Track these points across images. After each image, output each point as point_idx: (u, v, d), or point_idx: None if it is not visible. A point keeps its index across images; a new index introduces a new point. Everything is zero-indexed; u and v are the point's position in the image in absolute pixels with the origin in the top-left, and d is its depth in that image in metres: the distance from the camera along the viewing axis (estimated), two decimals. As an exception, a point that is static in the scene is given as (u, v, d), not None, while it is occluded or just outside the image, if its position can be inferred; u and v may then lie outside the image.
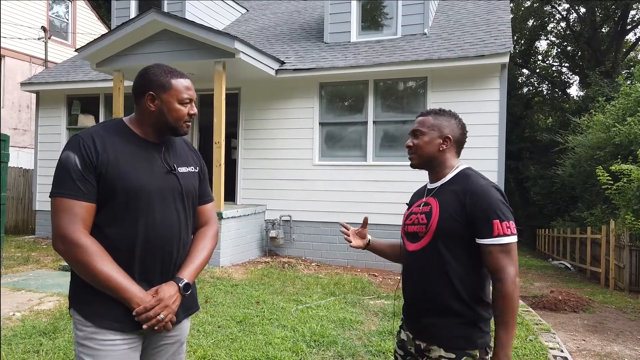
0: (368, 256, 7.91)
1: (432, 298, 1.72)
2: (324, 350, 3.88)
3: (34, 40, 14.42)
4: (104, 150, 1.61)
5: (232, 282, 6.12)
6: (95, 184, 1.59)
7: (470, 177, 1.74)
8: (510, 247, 1.62)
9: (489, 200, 1.64)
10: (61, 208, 1.56)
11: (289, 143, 8.45)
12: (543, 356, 3.98)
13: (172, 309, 1.63)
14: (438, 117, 1.84)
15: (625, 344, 5.19)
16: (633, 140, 11.49)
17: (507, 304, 1.60)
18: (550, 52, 30.75)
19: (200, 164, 1.88)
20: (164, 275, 1.68)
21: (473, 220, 1.64)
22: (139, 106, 1.70)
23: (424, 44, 8.15)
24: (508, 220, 1.63)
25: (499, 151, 7.25)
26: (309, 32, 10.07)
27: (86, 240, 1.55)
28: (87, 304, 1.62)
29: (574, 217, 16.47)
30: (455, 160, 1.83)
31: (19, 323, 4.32)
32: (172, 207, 1.70)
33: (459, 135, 1.84)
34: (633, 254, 9.47)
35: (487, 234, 1.62)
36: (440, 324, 1.70)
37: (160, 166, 1.70)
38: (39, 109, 10.41)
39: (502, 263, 1.61)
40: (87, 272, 1.55)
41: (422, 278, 1.75)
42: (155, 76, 1.68)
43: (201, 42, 7.17)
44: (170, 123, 1.69)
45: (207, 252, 1.80)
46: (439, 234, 1.70)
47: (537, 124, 28.80)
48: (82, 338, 1.61)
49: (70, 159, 1.58)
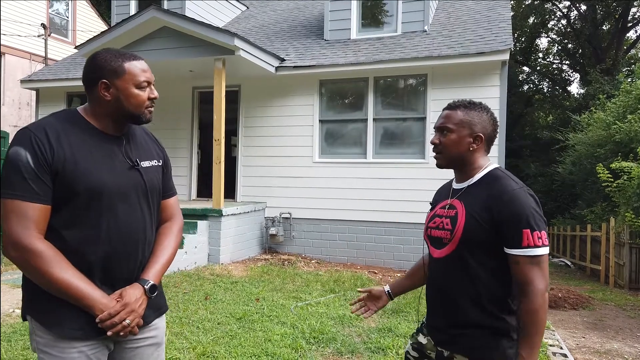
0: (368, 254, 7.92)
1: (459, 307, 1.62)
2: (323, 347, 3.89)
3: (34, 38, 14.41)
4: (59, 145, 1.45)
5: (232, 279, 6.12)
6: (50, 183, 1.44)
7: (500, 179, 1.59)
8: (540, 259, 1.49)
9: (520, 207, 1.50)
10: (12, 211, 1.40)
11: (289, 140, 8.44)
12: (542, 353, 3.98)
13: (139, 313, 1.52)
14: (469, 111, 1.64)
15: (625, 341, 5.20)
16: (633, 138, 11.47)
17: (531, 320, 1.49)
18: (550, 50, 30.69)
19: (163, 156, 1.75)
20: (128, 277, 1.56)
21: (501, 228, 1.52)
22: (93, 96, 1.55)
23: (424, 41, 8.14)
24: (540, 230, 1.50)
25: (499, 149, 7.23)
26: (309, 30, 10.06)
27: (41, 246, 1.41)
28: (45, 313, 1.48)
29: (574, 214, 16.47)
30: (484, 159, 1.68)
31: (19, 320, 4.33)
32: (136, 206, 1.57)
33: (491, 132, 1.67)
34: (633, 251, 9.46)
35: (516, 243, 1.50)
36: (467, 333, 1.60)
37: (122, 161, 1.56)
38: (39, 107, 10.40)
39: (531, 276, 1.49)
40: (43, 279, 1.42)
41: (448, 287, 1.65)
42: (105, 62, 1.52)
43: (201, 39, 7.16)
44: (130, 111, 1.54)
45: (171, 250, 1.68)
46: (465, 242, 1.58)
47: (537, 121, 28.77)
48: (43, 345, 1.49)
49: (21, 156, 1.41)
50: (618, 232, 10.03)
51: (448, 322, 1.66)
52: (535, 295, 1.48)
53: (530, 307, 1.49)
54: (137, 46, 7.59)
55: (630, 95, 12.73)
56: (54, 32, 15.14)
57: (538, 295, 1.48)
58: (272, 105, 8.59)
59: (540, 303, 1.48)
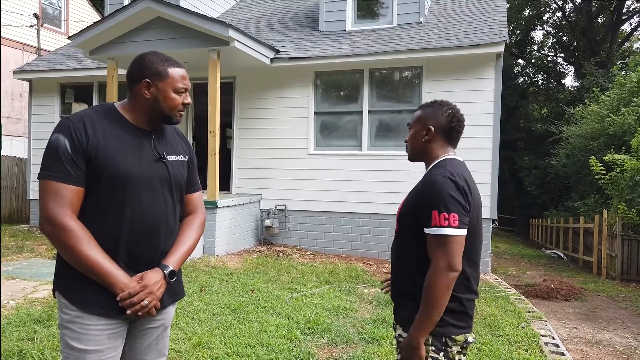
0: (363, 245, 7.96)
1: (397, 281, 1.81)
2: (318, 337, 3.91)
3: (26, 28, 14.26)
4: (94, 134, 1.60)
5: (227, 271, 6.13)
6: (84, 168, 1.58)
7: (436, 167, 1.76)
8: (445, 239, 1.60)
9: (435, 191, 1.64)
10: (49, 190, 1.55)
11: (284, 132, 8.43)
12: (535, 343, 4.03)
13: (157, 296, 1.64)
14: (425, 109, 1.87)
15: (616, 332, 5.26)
16: (627, 131, 11.54)
17: (426, 292, 1.61)
18: (545, 42, 30.72)
19: (190, 153, 1.87)
20: (150, 262, 1.68)
21: (419, 209, 1.68)
22: (133, 92, 1.69)
23: (419, 32, 8.12)
24: (448, 212, 1.60)
25: (494, 141, 7.27)
26: (304, 21, 10.01)
27: (73, 224, 1.54)
28: (72, 288, 1.62)
29: (567, 207, 16.59)
30: (442, 150, 1.83)
31: (14, 311, 4.33)
32: (160, 195, 1.70)
33: (444, 123, 1.81)
34: (625, 243, 9.55)
35: (427, 223, 1.64)
36: (403, 305, 1.77)
37: (150, 154, 1.70)
38: (32, 98, 10.32)
39: (434, 254, 1.62)
40: (72, 255, 1.55)
41: (393, 261, 1.86)
42: (152, 64, 1.67)
43: (195, 30, 7.11)
44: (165, 112, 1.69)
45: (193, 241, 1.81)
46: (401, 220, 1.80)
47: (531, 114, 28.86)
48: (66, 321, 1.62)
49: (60, 142, 1.57)
50: (611, 224, 10.12)
51: (393, 294, 1.87)
52: (433, 272, 1.61)
53: (428, 281, 1.62)
54: (130, 37, 7.53)
55: (624, 88, 12.78)
56: (46, 23, 14.97)
57: (435, 272, 1.61)
58: (267, 97, 8.56)
59: (435, 279, 1.60)
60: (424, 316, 1.62)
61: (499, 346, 3.88)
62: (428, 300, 1.61)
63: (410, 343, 1.65)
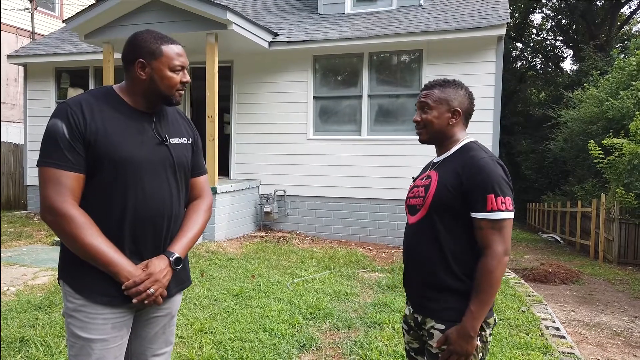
0: (362, 230, 7.96)
1: (426, 271, 1.71)
2: (320, 322, 3.93)
3: (19, 11, 14.02)
4: (93, 119, 1.55)
5: (228, 256, 6.14)
6: (83, 154, 1.53)
7: (471, 150, 1.71)
8: (502, 223, 1.58)
9: (487, 174, 1.59)
10: (49, 178, 1.51)
11: (282, 117, 8.37)
12: (536, 326, 4.06)
13: (163, 283, 1.60)
14: (445, 89, 1.77)
15: (613, 315, 5.31)
16: (625, 115, 11.51)
17: (485, 279, 1.58)
18: (544, 25, 30.46)
19: (193, 135, 1.82)
20: (155, 249, 1.64)
21: (468, 194, 1.61)
22: (129, 74, 1.64)
23: (419, 15, 8.03)
24: (504, 196, 1.59)
25: (494, 125, 7.23)
26: (302, 4, 9.87)
27: (74, 212, 1.51)
28: (77, 277, 1.59)
29: (564, 191, 16.63)
30: (462, 133, 1.80)
31: (14, 298, 4.32)
32: (164, 179, 1.65)
33: (467, 106, 1.80)
34: (622, 227, 9.60)
35: (481, 207, 1.59)
36: (433, 297, 1.69)
37: (151, 137, 1.65)
38: (27, 83, 10.20)
39: (491, 239, 1.58)
40: (75, 244, 1.52)
41: (418, 251, 1.74)
42: (145, 42, 1.61)
43: (192, 12, 7.00)
44: (163, 92, 1.63)
45: (199, 226, 1.77)
46: (434, 207, 1.68)
47: (530, 98, 28.72)
48: (71, 310, 1.59)
49: (58, 128, 1.52)
50: (608, 208, 10.15)
51: (418, 286, 1.76)
52: (492, 258, 1.57)
53: (486, 268, 1.58)
54: (126, 20, 7.41)
55: (624, 71, 12.71)
56: (40, 6, 14.72)
57: (495, 258, 1.57)
58: (266, 82, 8.48)
59: (495, 265, 1.57)
60: (483, 303, 1.58)
61: (500, 330, 3.91)
62: (487, 287, 1.58)
63: (467, 333, 1.59)
